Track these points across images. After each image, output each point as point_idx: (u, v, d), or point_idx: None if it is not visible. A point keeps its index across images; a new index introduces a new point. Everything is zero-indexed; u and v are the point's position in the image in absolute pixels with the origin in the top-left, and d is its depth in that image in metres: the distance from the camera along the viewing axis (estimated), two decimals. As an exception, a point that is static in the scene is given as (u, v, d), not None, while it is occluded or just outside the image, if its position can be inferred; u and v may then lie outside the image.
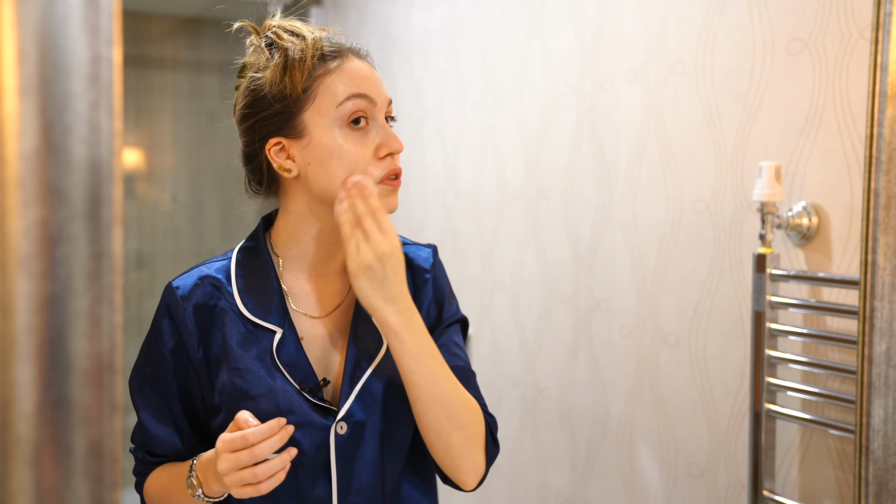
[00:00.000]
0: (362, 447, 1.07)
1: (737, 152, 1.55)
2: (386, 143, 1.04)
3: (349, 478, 1.06)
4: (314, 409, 1.05)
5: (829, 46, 1.38)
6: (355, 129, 1.04)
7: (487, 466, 1.08)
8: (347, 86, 1.04)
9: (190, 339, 1.07)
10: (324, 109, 1.04)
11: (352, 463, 1.06)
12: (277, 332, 1.07)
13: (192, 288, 1.09)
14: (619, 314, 1.86)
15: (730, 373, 1.59)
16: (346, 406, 1.06)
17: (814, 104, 1.40)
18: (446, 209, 2.53)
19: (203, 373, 1.08)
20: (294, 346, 1.07)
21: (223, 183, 4.01)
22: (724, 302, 1.59)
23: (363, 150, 1.03)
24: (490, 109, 2.31)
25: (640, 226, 1.80)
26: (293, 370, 1.06)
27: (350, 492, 1.06)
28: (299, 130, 1.05)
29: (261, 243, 1.12)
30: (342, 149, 1.03)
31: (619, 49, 1.85)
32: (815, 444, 1.42)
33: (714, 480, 1.63)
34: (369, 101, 1.04)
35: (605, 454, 1.92)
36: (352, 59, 1.07)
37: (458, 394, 1.04)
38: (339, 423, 1.05)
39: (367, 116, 1.05)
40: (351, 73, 1.05)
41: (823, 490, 1.40)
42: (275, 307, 1.08)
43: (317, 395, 1.06)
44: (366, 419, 1.07)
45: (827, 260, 1.39)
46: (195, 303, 1.08)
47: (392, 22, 2.84)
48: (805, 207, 1.41)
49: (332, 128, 1.03)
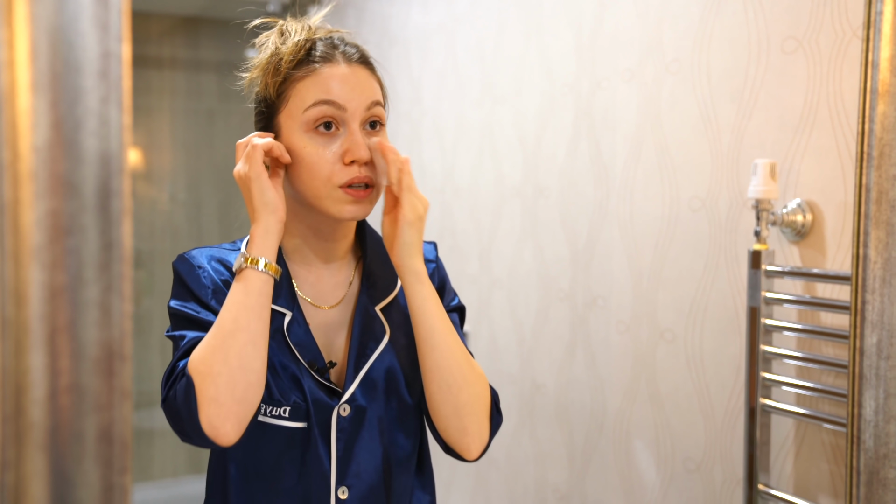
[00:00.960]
0: (362, 432, 1.10)
1: (732, 150, 1.57)
2: (351, 150, 1.05)
3: (348, 460, 1.09)
4: (321, 389, 1.09)
5: (824, 45, 1.40)
6: (322, 133, 1.06)
7: (491, 436, 1.11)
8: (316, 92, 1.06)
9: (204, 292, 1.08)
10: (294, 113, 1.07)
11: (352, 446, 1.09)
12: (287, 314, 1.10)
13: (206, 259, 1.12)
14: (615, 311, 1.88)
15: (725, 368, 1.60)
16: (352, 389, 1.09)
17: (808, 102, 1.42)
18: (444, 207, 2.55)
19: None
20: (303, 329, 1.10)
21: (221, 182, 4.02)
22: (719, 298, 1.61)
23: (326, 154, 1.05)
24: (488, 108, 2.32)
25: (636, 223, 1.81)
26: (302, 350, 1.09)
27: (348, 474, 1.09)
28: (276, 131, 1.09)
29: None
30: (304, 151, 1.06)
31: (615, 48, 1.86)
32: (809, 438, 1.44)
33: (710, 475, 1.65)
34: (337, 107, 1.06)
35: (603, 450, 1.93)
36: (334, 63, 1.08)
37: (465, 351, 1.10)
38: (342, 405, 1.08)
39: (337, 122, 1.07)
40: (324, 78, 1.07)
41: (818, 483, 1.42)
42: (284, 292, 1.11)
43: (324, 376, 1.09)
44: (367, 405, 1.10)
45: (821, 256, 1.41)
46: (209, 269, 1.11)
47: (390, 21, 2.86)
48: (799, 204, 1.43)
49: (299, 131, 1.07)
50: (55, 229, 0.48)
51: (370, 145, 1.07)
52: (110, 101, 0.50)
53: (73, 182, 0.49)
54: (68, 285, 0.48)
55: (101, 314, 0.50)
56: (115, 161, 0.50)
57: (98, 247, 0.50)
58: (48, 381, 0.48)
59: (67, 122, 0.48)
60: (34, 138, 0.47)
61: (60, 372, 0.48)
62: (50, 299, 0.48)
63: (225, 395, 0.95)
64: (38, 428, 0.48)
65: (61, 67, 0.48)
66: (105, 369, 0.50)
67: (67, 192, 0.48)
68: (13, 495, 0.48)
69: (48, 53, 0.47)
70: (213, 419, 0.95)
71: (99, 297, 0.50)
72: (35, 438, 0.48)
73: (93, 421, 0.50)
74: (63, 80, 0.48)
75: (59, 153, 0.48)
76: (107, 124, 0.50)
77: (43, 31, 0.47)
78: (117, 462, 0.51)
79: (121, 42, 0.50)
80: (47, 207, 0.48)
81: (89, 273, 0.49)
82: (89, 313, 0.49)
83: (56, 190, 0.48)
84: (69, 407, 0.49)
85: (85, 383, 0.49)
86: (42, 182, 0.47)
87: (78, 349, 0.49)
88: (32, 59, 0.47)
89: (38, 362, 0.48)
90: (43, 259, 0.48)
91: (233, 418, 0.96)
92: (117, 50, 0.50)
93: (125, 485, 0.51)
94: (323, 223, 1.12)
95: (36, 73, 0.47)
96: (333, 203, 1.06)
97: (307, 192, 1.07)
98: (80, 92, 0.48)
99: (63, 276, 0.48)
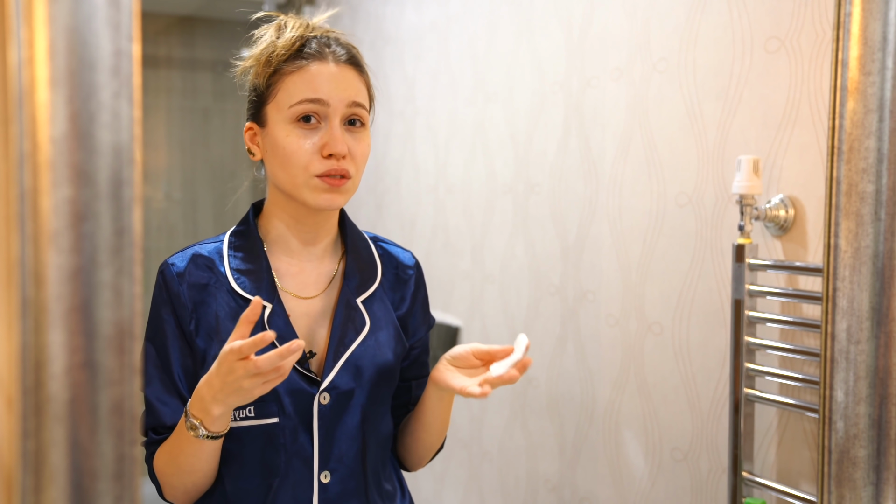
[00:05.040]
0: (344, 417, 1.14)
1: (717, 147, 1.61)
2: (329, 144, 1.10)
3: (330, 445, 1.13)
4: (301, 378, 1.12)
5: (804, 45, 1.44)
6: (303, 126, 1.11)
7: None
8: (303, 89, 1.11)
9: (183, 313, 1.13)
10: (280, 106, 1.12)
11: (333, 431, 1.13)
12: (268, 307, 1.14)
13: (187, 265, 1.15)
14: (605, 304, 1.92)
15: (711, 359, 1.65)
16: (330, 377, 1.13)
17: (790, 100, 1.46)
18: (437, 204, 2.58)
19: (194, 345, 1.14)
20: (283, 321, 1.14)
21: (217, 180, 4.05)
22: (705, 291, 1.65)
23: (305, 145, 1.11)
24: (480, 106, 2.36)
25: (625, 219, 1.85)
26: (282, 342, 1.12)
27: (331, 458, 1.13)
28: (263, 120, 1.15)
29: (251, 226, 1.19)
30: (286, 141, 1.11)
31: (605, 48, 1.90)
32: (791, 426, 1.48)
33: (696, 464, 1.69)
34: (321, 103, 1.11)
35: (592, 441, 1.97)
36: (324, 61, 1.13)
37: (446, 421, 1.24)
38: (322, 393, 1.12)
39: (319, 116, 1.12)
40: (311, 75, 1.12)
41: (799, 471, 1.46)
42: (264, 285, 1.15)
43: (303, 365, 1.13)
44: (350, 389, 1.14)
45: (802, 250, 1.45)
46: (189, 280, 1.14)
47: (384, 21, 2.89)
48: (782, 200, 1.47)
49: (284, 123, 1.12)
50: (71, 215, 0.51)
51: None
52: (122, 96, 0.53)
53: (87, 171, 0.52)
54: (83, 268, 0.52)
55: (114, 295, 0.53)
56: (126, 152, 0.54)
57: (110, 232, 0.53)
58: (65, 356, 0.52)
59: (82, 116, 0.52)
60: (52, 130, 0.51)
61: (76, 349, 0.52)
62: (66, 281, 0.51)
63: (181, 496, 1.14)
64: (55, 401, 0.51)
65: (77, 64, 0.51)
66: (117, 347, 0.54)
67: (82, 180, 0.52)
68: (34, 462, 0.51)
69: (65, 51, 0.51)
70: (172, 498, 1.15)
71: (111, 279, 0.53)
72: (53, 410, 0.51)
73: (106, 395, 0.53)
74: (78, 77, 0.51)
75: (74, 144, 0.51)
76: (118, 118, 0.53)
77: (60, 30, 0.51)
78: (128, 434, 0.54)
79: (131, 41, 0.54)
80: (64, 195, 0.51)
81: (103, 257, 0.53)
82: (103, 294, 0.53)
83: (72, 179, 0.51)
84: (84, 382, 0.52)
85: (99, 360, 0.53)
86: (59, 171, 0.51)
87: (92, 328, 0.52)
88: (50, 57, 0.50)
89: (55, 339, 0.51)
90: (60, 243, 0.51)
91: (188, 499, 1.15)
92: (128, 48, 0.54)
93: (135, 455, 0.54)
94: (302, 213, 1.16)
95: (53, 69, 0.51)
96: (310, 192, 1.11)
97: (286, 180, 1.12)
98: (93, 87, 0.52)
99: (78, 259, 0.52)
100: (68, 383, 0.51)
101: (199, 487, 1.13)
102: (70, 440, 0.51)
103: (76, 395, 0.51)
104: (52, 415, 0.51)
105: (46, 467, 0.51)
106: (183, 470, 1.09)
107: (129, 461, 0.54)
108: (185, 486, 1.12)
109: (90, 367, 0.52)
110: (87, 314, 0.52)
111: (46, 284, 0.51)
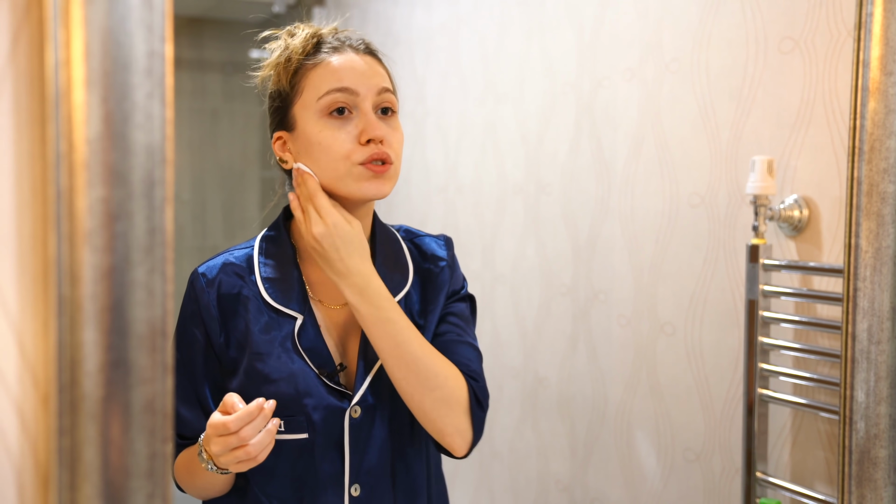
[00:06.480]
0: (373, 430, 1.12)
1: (731, 147, 1.61)
2: (366, 130, 1.08)
3: (360, 458, 1.12)
4: (331, 393, 1.11)
5: (819, 45, 1.44)
6: (336, 118, 1.10)
7: (475, 430, 1.12)
8: (329, 80, 1.10)
9: (213, 325, 1.12)
10: (308, 102, 1.11)
11: (364, 444, 1.12)
12: (298, 319, 1.12)
13: (217, 275, 1.14)
14: (617, 305, 1.92)
15: (724, 360, 1.65)
16: (361, 391, 1.11)
17: (804, 100, 1.46)
18: (448, 205, 2.59)
19: (224, 357, 1.13)
20: (314, 332, 1.12)
21: (226, 182, 4.06)
22: (718, 292, 1.65)
23: (342, 136, 1.09)
24: (490, 107, 2.37)
25: (637, 219, 1.85)
26: (313, 355, 1.11)
27: (361, 471, 1.12)
28: (292, 123, 1.13)
29: (282, 232, 1.17)
30: (321, 135, 1.09)
31: (616, 48, 1.90)
32: (805, 427, 1.48)
33: (709, 465, 1.69)
34: (350, 92, 1.09)
35: (604, 441, 1.97)
36: (344, 53, 1.12)
37: (426, 357, 1.08)
38: (353, 407, 1.11)
39: (350, 106, 1.10)
40: (334, 67, 1.11)
41: (814, 471, 1.46)
42: (295, 294, 1.13)
43: (333, 379, 1.11)
44: (377, 403, 1.12)
45: (817, 250, 1.45)
46: (219, 290, 1.13)
47: (394, 22, 2.90)
48: (796, 200, 1.47)
49: (315, 119, 1.10)
50: (105, 215, 0.52)
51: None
52: (154, 96, 0.54)
53: (121, 171, 0.53)
54: (116, 267, 0.52)
55: (146, 294, 0.54)
56: (158, 152, 0.54)
57: (143, 231, 0.54)
58: (99, 355, 0.52)
59: (116, 116, 0.52)
60: (87, 131, 0.51)
61: (110, 347, 0.52)
62: (100, 279, 0.52)
63: (197, 497, 1.17)
64: (90, 399, 0.52)
65: (111, 66, 0.52)
66: (149, 345, 0.54)
67: (116, 180, 0.52)
68: (69, 459, 0.52)
69: (100, 53, 0.51)
70: (190, 495, 1.17)
71: (144, 278, 0.54)
72: (87, 408, 0.52)
73: (138, 393, 0.54)
74: (112, 78, 0.52)
75: (108, 145, 0.52)
76: (151, 118, 0.54)
77: (95, 32, 0.51)
78: (159, 432, 0.55)
79: (164, 42, 0.54)
80: (98, 195, 0.52)
81: (136, 256, 0.53)
82: (135, 293, 0.53)
83: (106, 179, 0.52)
84: (117, 380, 0.53)
85: (132, 358, 0.53)
86: (94, 171, 0.51)
87: (125, 326, 0.53)
88: (86, 58, 0.51)
89: (90, 338, 0.52)
90: (94, 242, 0.52)
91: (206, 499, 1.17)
92: (160, 49, 0.54)
93: (167, 453, 0.55)
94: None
95: (89, 70, 0.51)
96: (354, 181, 1.08)
97: (327, 174, 1.09)
98: (127, 88, 0.52)
99: (111, 258, 0.52)
100: (102, 381, 0.52)
101: (214, 497, 1.16)
102: (103, 438, 0.52)
103: (109, 392, 0.52)
104: (86, 413, 0.51)
105: (81, 464, 0.51)
106: (196, 486, 1.12)
107: (160, 459, 0.54)
108: (200, 495, 1.16)
109: (123, 366, 0.52)
110: (120, 313, 0.52)
111: (81, 283, 0.51)
